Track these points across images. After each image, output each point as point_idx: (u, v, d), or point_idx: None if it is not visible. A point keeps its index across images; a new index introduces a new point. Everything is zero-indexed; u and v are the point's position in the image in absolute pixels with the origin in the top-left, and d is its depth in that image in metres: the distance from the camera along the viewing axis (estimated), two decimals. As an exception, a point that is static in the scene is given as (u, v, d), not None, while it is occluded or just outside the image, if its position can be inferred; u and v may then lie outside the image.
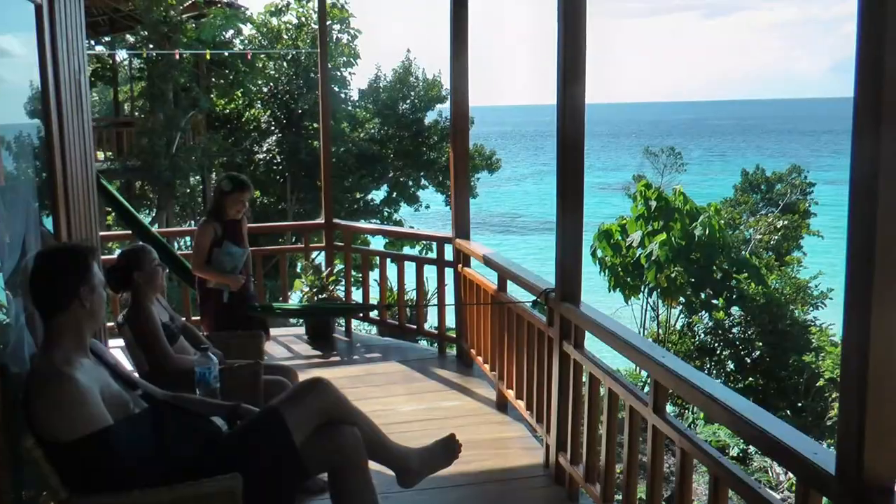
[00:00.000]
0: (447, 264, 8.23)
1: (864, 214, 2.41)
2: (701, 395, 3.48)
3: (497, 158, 27.00)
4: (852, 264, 2.48)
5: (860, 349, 2.44)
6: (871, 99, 2.35)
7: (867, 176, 2.39)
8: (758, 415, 3.17)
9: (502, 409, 6.73)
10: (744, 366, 15.76)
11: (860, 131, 2.42)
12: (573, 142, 4.96)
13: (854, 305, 2.48)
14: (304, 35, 23.21)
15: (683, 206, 16.76)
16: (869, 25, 2.36)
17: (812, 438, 3.04)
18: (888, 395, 2.45)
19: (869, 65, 2.36)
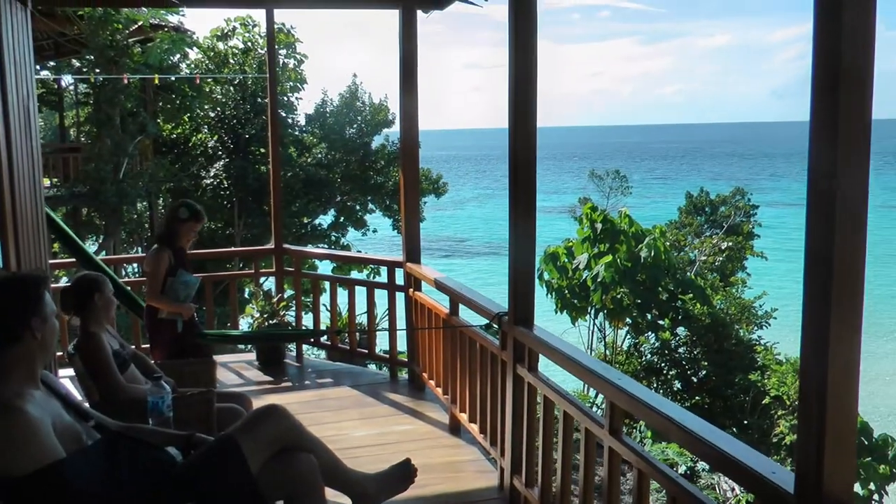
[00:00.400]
0: (398, 288, 8.25)
1: (821, 236, 2.45)
2: (658, 416, 3.50)
3: (444, 182, 27.08)
4: (810, 285, 2.51)
5: (818, 369, 2.48)
6: (829, 119, 2.39)
7: (824, 194, 2.42)
8: (715, 435, 3.20)
9: (455, 432, 6.73)
10: (690, 385, 15.91)
11: (816, 154, 2.46)
12: (525, 166, 5.00)
13: (811, 326, 2.51)
14: (251, 60, 23.16)
15: (629, 228, 16.89)
16: (825, 46, 2.40)
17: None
18: (846, 414, 2.49)
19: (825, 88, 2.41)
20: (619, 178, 31.55)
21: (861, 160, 2.40)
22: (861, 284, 2.46)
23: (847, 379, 2.48)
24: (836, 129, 2.36)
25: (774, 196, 69.88)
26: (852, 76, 2.35)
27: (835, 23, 2.35)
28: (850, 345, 2.47)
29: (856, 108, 2.37)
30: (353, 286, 9.18)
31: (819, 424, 2.48)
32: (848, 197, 2.39)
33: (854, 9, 2.33)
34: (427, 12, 7.89)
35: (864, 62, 2.36)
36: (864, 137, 2.39)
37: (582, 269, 16.67)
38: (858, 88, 2.36)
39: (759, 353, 15.20)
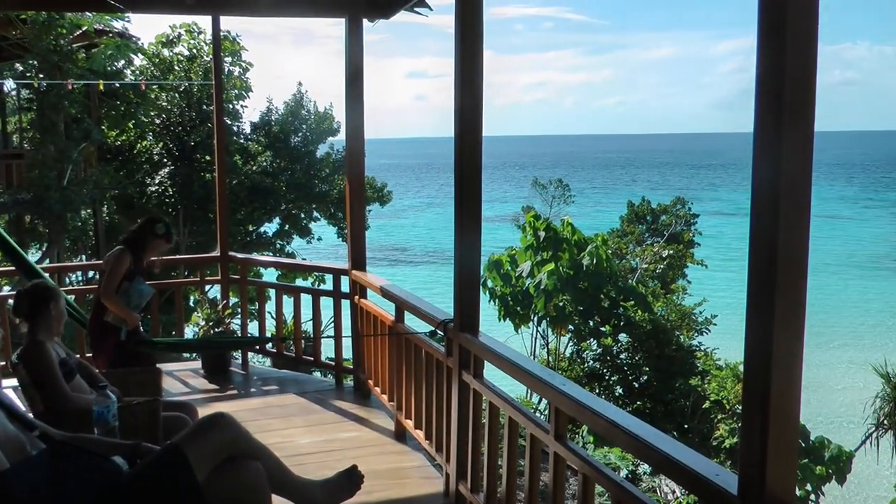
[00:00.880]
0: (343, 296, 8.26)
1: (766, 244, 2.51)
2: (602, 420, 3.56)
3: (389, 191, 27.07)
4: (753, 292, 2.57)
5: (762, 374, 2.55)
6: (772, 130, 2.45)
7: (768, 204, 2.49)
8: (660, 439, 3.26)
9: (401, 438, 6.76)
10: (632, 390, 16.06)
11: (760, 165, 2.53)
12: (470, 175, 5.05)
13: (755, 331, 2.58)
14: (196, 67, 22.97)
15: (572, 236, 17.02)
16: (768, 60, 2.47)
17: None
18: (788, 417, 2.56)
19: (769, 97, 2.47)
20: (562, 187, 31.71)
21: (804, 171, 2.47)
22: (803, 292, 2.54)
23: (789, 383, 2.55)
24: (780, 139, 2.43)
25: (714, 206, 70.76)
26: (796, 88, 2.42)
27: (779, 37, 2.41)
28: (792, 350, 2.54)
29: (800, 119, 2.44)
30: (299, 294, 9.16)
31: (762, 428, 2.55)
32: (791, 206, 2.45)
33: (798, 22, 2.40)
34: (373, 21, 7.93)
35: (808, 74, 2.44)
36: (807, 148, 2.46)
37: (525, 276, 16.76)
38: (802, 100, 2.43)
39: (700, 359, 15.39)
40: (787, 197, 2.45)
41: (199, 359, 9.12)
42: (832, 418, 24.85)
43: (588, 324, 16.80)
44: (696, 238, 27.50)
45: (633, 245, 25.78)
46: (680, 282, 22.79)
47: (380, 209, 28.04)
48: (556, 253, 16.59)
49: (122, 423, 4.35)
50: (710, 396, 14.24)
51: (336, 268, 8.59)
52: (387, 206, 27.93)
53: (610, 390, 16.29)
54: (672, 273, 23.12)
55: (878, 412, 14.91)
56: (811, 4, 2.42)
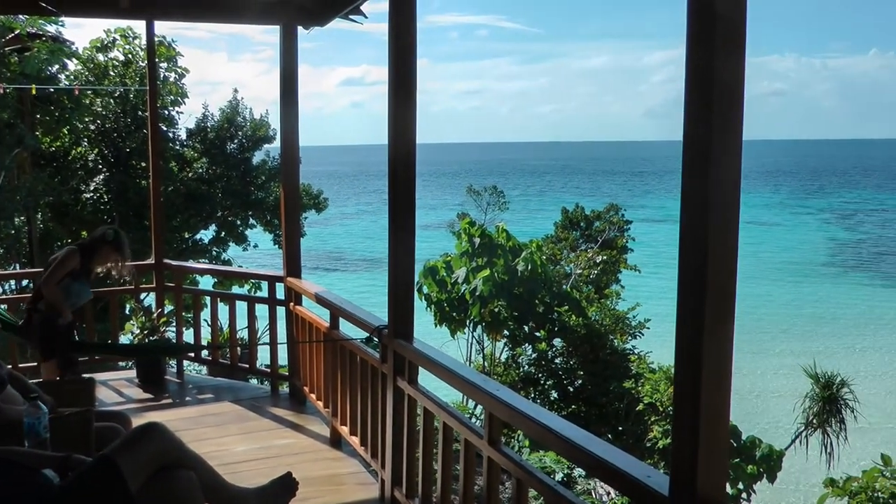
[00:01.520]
0: (279, 303, 8.26)
1: (695, 250, 2.57)
2: (535, 425, 3.59)
3: (324, 198, 26.96)
4: (683, 297, 2.62)
5: (692, 377, 2.59)
6: (701, 138, 2.52)
7: (697, 210, 2.55)
8: (592, 442, 3.30)
9: (336, 445, 6.77)
10: (567, 394, 16.20)
11: (689, 170, 2.59)
12: (404, 182, 5.07)
13: (685, 335, 2.63)
14: (132, 72, 22.66)
15: (506, 242, 17.12)
16: (696, 69, 2.53)
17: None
18: (718, 419, 2.62)
19: (698, 105, 2.53)
20: (497, 193, 31.88)
21: (733, 177, 2.53)
22: (732, 296, 2.60)
23: (719, 385, 2.60)
24: (709, 147, 2.49)
25: (647, 212, 71.60)
26: (724, 95, 2.48)
27: (707, 47, 2.48)
28: (722, 352, 2.59)
29: (728, 127, 2.50)
30: (234, 301, 9.11)
31: (692, 428, 2.60)
32: (721, 212, 2.52)
33: (726, 32, 2.46)
34: (308, 28, 7.94)
35: (736, 83, 2.50)
36: (735, 155, 2.52)
37: (460, 282, 16.81)
38: (730, 108, 2.50)
39: (633, 362, 15.57)
40: (716, 203, 2.51)
41: (134, 368, 9.04)
42: (768, 420, 25.24)
43: (523, 329, 16.91)
44: (629, 244, 27.76)
45: (567, 251, 25.96)
46: (613, 287, 22.99)
47: (316, 216, 27.94)
48: (491, 259, 16.68)
49: (54, 434, 4.29)
50: (643, 399, 14.41)
51: (271, 275, 8.57)
52: (323, 213, 27.82)
53: (545, 395, 16.40)
54: (606, 278, 23.33)
55: (807, 412, 15.23)
56: (738, 15, 2.48)
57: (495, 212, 31.16)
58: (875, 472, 10.75)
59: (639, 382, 14.86)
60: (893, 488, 10.51)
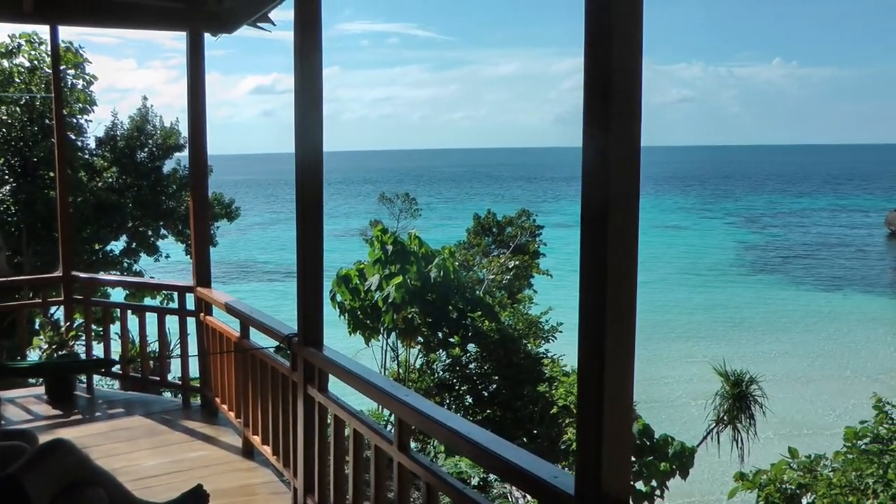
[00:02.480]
0: (189, 313, 8.17)
1: (595, 254, 2.61)
2: (445, 430, 3.62)
3: (236, 207, 26.72)
4: (585, 299, 2.67)
5: (595, 377, 2.64)
6: (599, 143, 2.56)
7: (597, 214, 2.59)
8: (500, 445, 3.33)
9: (249, 455, 6.73)
10: (482, 399, 16.29)
11: (589, 177, 2.63)
12: (312, 190, 5.07)
13: (588, 336, 2.68)
14: (38, 79, 22.16)
15: (419, 249, 17.18)
16: (594, 75, 2.58)
17: (550, 463, 3.21)
18: (622, 418, 2.67)
19: (595, 111, 2.58)
20: (409, 200, 31.95)
21: (632, 182, 2.59)
22: (633, 299, 2.66)
23: (622, 385, 2.65)
24: (607, 152, 2.53)
25: (558, 217, 72.23)
26: (622, 103, 2.54)
27: (605, 52, 2.53)
28: (624, 353, 2.65)
29: (626, 133, 2.56)
30: (144, 312, 8.98)
31: (597, 429, 2.64)
32: (620, 216, 2.57)
33: (622, 38, 2.52)
34: (216, 35, 7.87)
35: (632, 90, 2.56)
36: (634, 160, 2.58)
37: (373, 290, 16.82)
38: (629, 115, 2.55)
39: (547, 366, 15.73)
40: (615, 208, 2.56)
41: (42, 384, 8.84)
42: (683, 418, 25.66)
43: (437, 335, 16.97)
44: (541, 249, 28.04)
45: (479, 257, 26.13)
46: (526, 291, 23.23)
47: (228, 225, 27.70)
48: (404, 266, 16.72)
49: (-43, 454, 4.19)
50: (557, 402, 14.56)
51: (180, 285, 8.48)
52: (235, 222, 27.59)
53: (460, 400, 16.48)
54: (518, 283, 23.56)
55: (717, 409, 15.57)
56: (634, 26, 2.54)
57: (408, 219, 31.21)
58: (783, 465, 11.04)
59: (552, 386, 15.01)
60: (801, 479, 10.80)
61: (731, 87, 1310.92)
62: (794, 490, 10.91)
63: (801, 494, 10.90)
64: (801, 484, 10.90)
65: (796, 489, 10.90)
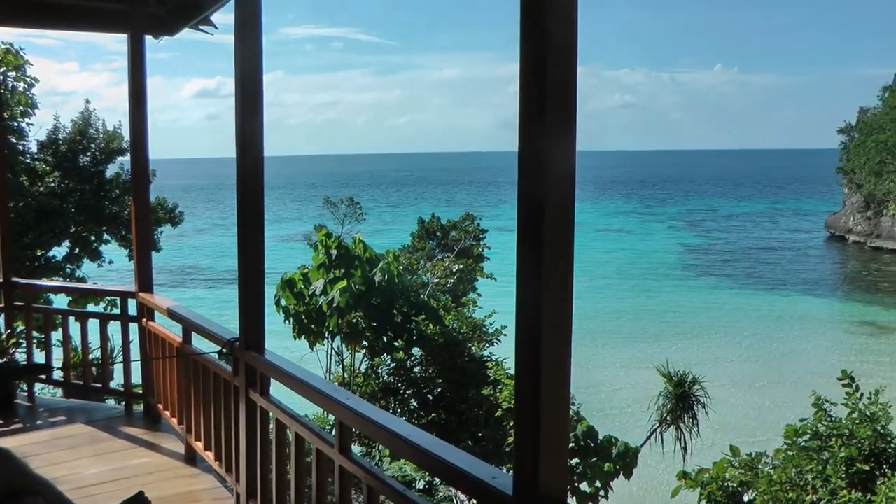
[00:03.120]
0: (131, 319, 8.08)
1: (531, 258, 2.65)
2: (385, 433, 3.65)
3: (180, 211, 26.46)
4: (522, 299, 2.71)
5: (532, 379, 2.68)
6: (535, 147, 2.61)
7: (532, 217, 2.63)
8: (440, 448, 3.36)
9: (191, 461, 6.69)
10: (427, 402, 16.33)
11: (525, 182, 2.68)
12: (252, 194, 5.07)
13: (524, 339, 2.73)
14: (-22, 81, 21.78)
15: (363, 253, 17.18)
16: (530, 82, 2.62)
17: (493, 465, 3.25)
18: (558, 420, 2.71)
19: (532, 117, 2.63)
20: (353, 205, 31.94)
21: (567, 187, 2.63)
22: (569, 303, 2.69)
23: (559, 386, 2.70)
24: (542, 157, 2.58)
25: (502, 221, 72.55)
26: (557, 108, 2.58)
27: (539, 60, 2.57)
28: (560, 356, 2.69)
29: (561, 137, 2.60)
30: (86, 319, 8.88)
31: (534, 431, 2.69)
32: (555, 222, 2.61)
33: (557, 47, 2.56)
34: (157, 38, 7.81)
35: (568, 95, 2.60)
36: (569, 165, 2.62)
37: (318, 294, 16.79)
38: (564, 119, 2.59)
39: (491, 369, 15.77)
40: (550, 214, 2.60)
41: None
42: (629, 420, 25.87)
43: (382, 339, 16.98)
44: (485, 252, 28.16)
45: (424, 261, 26.19)
46: (470, 295, 23.29)
47: (172, 230, 27.45)
48: (349, 270, 16.71)
49: None
50: (502, 405, 14.61)
51: (122, 291, 8.40)
52: (179, 226, 27.34)
53: (405, 404, 16.49)
54: (463, 287, 23.63)
55: (661, 409, 15.72)
56: (569, 30, 2.58)
57: (352, 223, 31.20)
58: (724, 463, 11.20)
59: (497, 389, 15.07)
60: (742, 477, 10.95)
61: (673, 92, 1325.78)
62: (736, 488, 11.07)
63: (743, 492, 11.06)
64: (742, 482, 11.05)
65: (738, 487, 11.06)
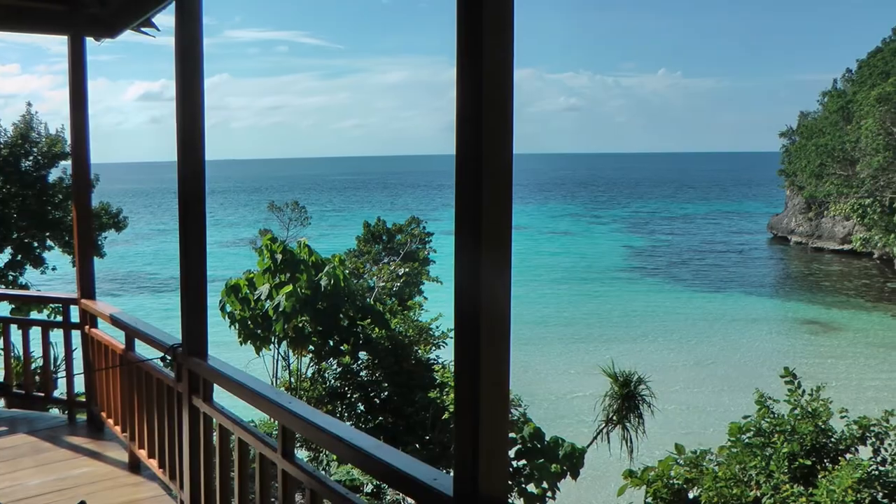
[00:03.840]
0: (74, 326, 7.98)
1: (469, 261, 2.68)
2: (327, 436, 3.66)
3: (124, 217, 26.20)
4: (460, 303, 2.74)
5: (471, 382, 2.71)
6: (474, 152, 2.63)
7: (469, 222, 2.66)
8: (381, 450, 3.39)
9: (136, 469, 6.64)
10: (374, 406, 16.31)
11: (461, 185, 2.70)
12: (193, 199, 5.06)
13: (462, 342, 2.76)
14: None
15: (309, 258, 17.12)
16: (466, 89, 2.65)
17: (441, 467, 3.28)
18: (498, 421, 2.74)
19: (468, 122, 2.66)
20: (298, 209, 31.86)
21: (504, 190, 2.66)
22: (507, 306, 2.72)
23: (498, 388, 2.73)
24: (481, 162, 2.60)
25: (447, 224, 72.61)
26: (494, 112, 2.61)
27: (475, 67, 2.60)
28: (498, 358, 2.72)
29: (498, 142, 2.63)
30: (28, 327, 8.77)
31: (473, 432, 2.72)
32: (492, 224, 2.64)
33: (493, 53, 2.59)
34: (99, 40, 7.71)
35: (504, 99, 2.63)
36: (506, 170, 2.66)
37: (264, 299, 16.71)
38: (501, 123, 2.63)
39: (438, 372, 15.79)
40: (488, 217, 2.63)
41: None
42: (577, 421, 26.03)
43: (328, 343, 16.93)
44: (430, 256, 28.22)
45: (370, 264, 26.19)
46: (416, 298, 23.31)
47: (116, 235, 27.16)
48: (294, 275, 16.65)
49: None
50: (449, 408, 14.65)
51: (64, 297, 8.27)
52: (124, 232, 27.08)
53: (352, 408, 16.47)
54: (409, 290, 23.65)
55: (607, 409, 15.84)
56: (506, 34, 2.61)
57: (297, 227, 31.13)
58: (670, 461, 11.32)
59: (443, 391, 15.10)
60: (687, 474, 11.08)
61: (617, 96, 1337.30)
62: (682, 485, 11.20)
63: (688, 489, 11.20)
64: (687, 479, 11.19)
65: (683, 484, 11.19)
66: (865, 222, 57.42)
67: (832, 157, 59.36)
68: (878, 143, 50.78)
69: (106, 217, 24.71)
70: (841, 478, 9.96)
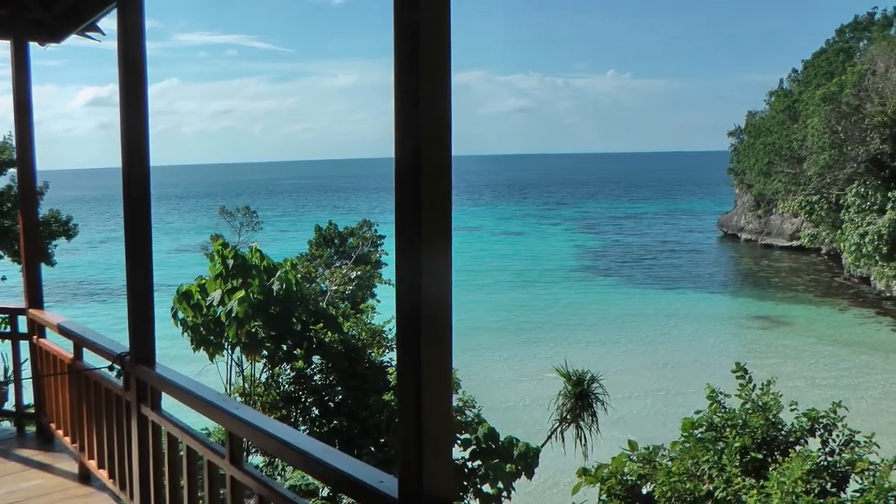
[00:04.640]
0: (21, 337, 7.89)
1: (408, 263, 2.71)
2: (275, 441, 3.67)
3: (74, 224, 25.93)
4: (402, 306, 2.77)
5: (413, 384, 2.74)
6: (411, 153, 2.66)
7: (409, 228, 2.69)
8: (328, 454, 3.40)
9: (86, 480, 6.58)
10: (328, 410, 16.29)
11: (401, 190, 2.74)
12: (139, 205, 5.03)
13: (405, 345, 2.79)
14: None
15: (260, 263, 17.05)
16: (405, 92, 2.69)
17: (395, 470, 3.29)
18: (441, 423, 2.77)
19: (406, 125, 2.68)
20: (250, 214, 31.71)
21: (444, 189, 2.69)
22: (448, 308, 2.75)
23: (440, 390, 2.76)
24: (419, 167, 2.64)
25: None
26: (432, 114, 2.64)
27: (413, 71, 2.64)
28: (441, 360, 2.75)
29: (438, 145, 2.67)
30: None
31: (416, 434, 2.75)
32: (432, 224, 2.67)
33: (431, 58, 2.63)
34: (43, 45, 7.61)
35: (442, 104, 2.67)
36: (445, 170, 2.69)
37: (216, 305, 16.61)
38: (439, 126, 2.66)
39: (391, 375, 15.81)
40: (428, 218, 2.66)
41: None
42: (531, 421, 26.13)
43: (281, 348, 16.89)
44: (382, 258, 28.22)
45: (322, 268, 26.12)
46: (369, 301, 23.31)
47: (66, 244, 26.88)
48: (246, 280, 16.57)
49: None
50: (402, 410, 14.65)
51: (12, 308, 8.18)
52: (74, 239, 26.80)
53: (307, 412, 16.44)
54: (361, 293, 23.63)
55: (561, 409, 15.93)
56: (442, 28, 2.65)
57: (249, 232, 30.98)
58: (623, 458, 11.42)
59: (398, 394, 15.12)
60: (640, 470, 11.19)
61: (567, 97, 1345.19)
62: (635, 481, 11.30)
63: (642, 484, 11.29)
64: (641, 475, 11.29)
65: (637, 480, 11.29)
66: (813, 219, 58.13)
67: (780, 155, 60.02)
68: (824, 142, 51.44)
69: (56, 225, 24.45)
70: (791, 469, 10.09)
